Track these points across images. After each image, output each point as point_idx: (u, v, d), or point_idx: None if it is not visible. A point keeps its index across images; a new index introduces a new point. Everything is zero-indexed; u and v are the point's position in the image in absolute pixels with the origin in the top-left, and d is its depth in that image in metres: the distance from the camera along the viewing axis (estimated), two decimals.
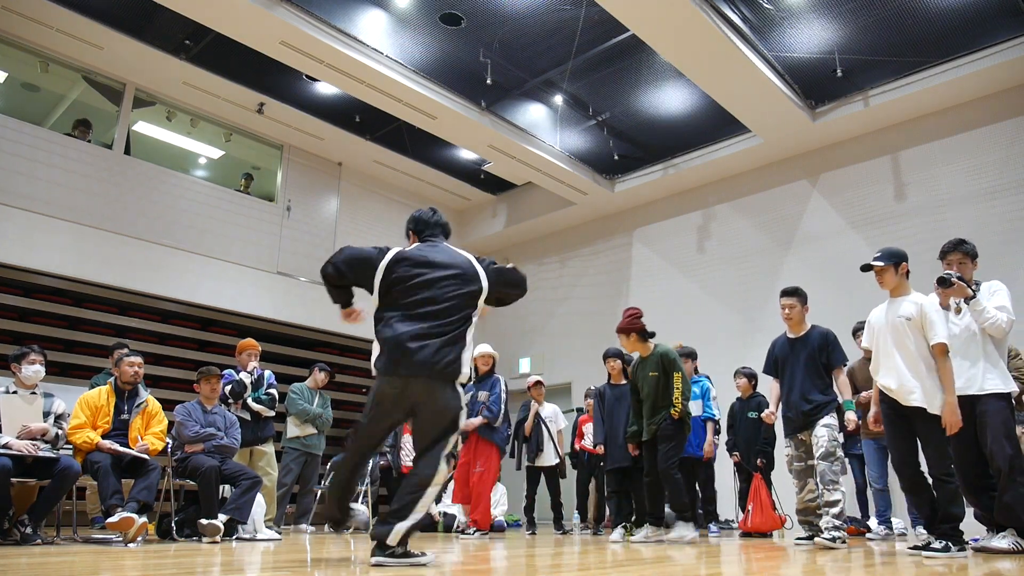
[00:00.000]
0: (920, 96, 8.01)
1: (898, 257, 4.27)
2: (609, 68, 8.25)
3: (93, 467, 4.94)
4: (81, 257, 8.09)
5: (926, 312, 4.10)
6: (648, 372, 5.54)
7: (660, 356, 5.53)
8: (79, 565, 3.19)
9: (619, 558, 3.94)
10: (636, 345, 5.64)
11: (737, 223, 9.78)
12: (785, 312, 5.16)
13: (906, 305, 4.18)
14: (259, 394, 6.63)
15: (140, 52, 8.26)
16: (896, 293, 4.29)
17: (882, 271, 4.28)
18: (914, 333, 4.11)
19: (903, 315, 4.15)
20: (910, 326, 4.11)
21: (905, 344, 4.12)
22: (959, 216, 7.80)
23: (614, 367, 6.39)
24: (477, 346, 6.89)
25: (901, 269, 4.26)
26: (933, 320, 4.06)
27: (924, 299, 4.17)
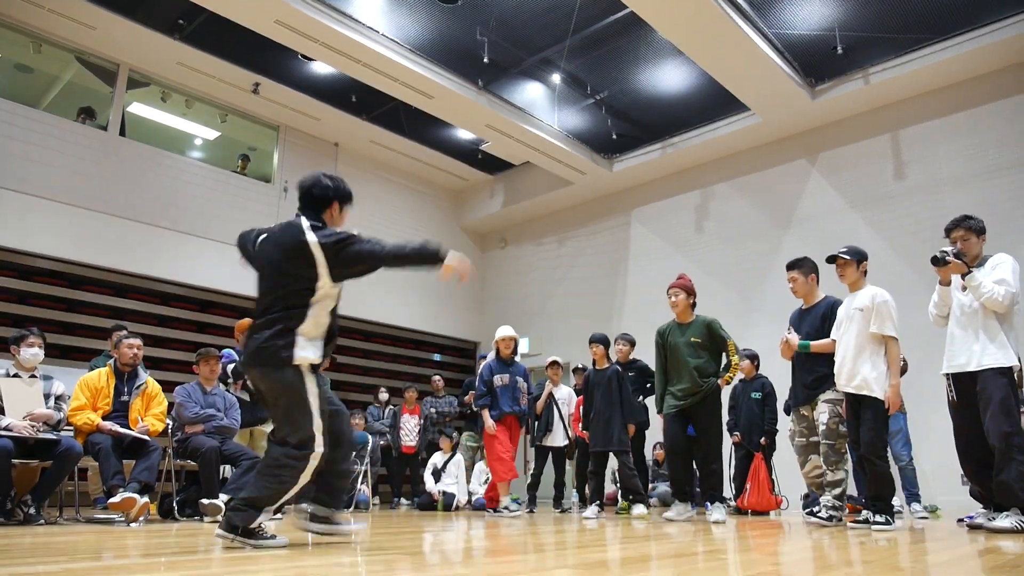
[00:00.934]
0: (921, 74, 7.95)
1: (861, 256, 4.69)
2: (607, 46, 8.18)
3: (94, 448, 4.97)
4: (78, 239, 8.07)
5: (876, 303, 4.46)
6: (689, 338, 5.51)
7: (707, 324, 5.54)
8: (82, 544, 3.22)
9: (637, 534, 3.98)
10: (686, 308, 5.61)
11: (736, 203, 9.75)
12: (790, 286, 5.25)
13: (860, 297, 4.59)
14: None
15: (134, 32, 8.18)
16: (853, 288, 4.69)
17: (846, 264, 4.68)
18: (863, 323, 4.48)
19: (857, 306, 4.56)
20: (861, 316, 4.50)
21: (854, 333, 4.50)
22: (959, 195, 7.78)
23: (597, 352, 6.44)
24: (499, 328, 6.99)
25: (862, 267, 4.66)
26: (880, 311, 4.44)
27: (878, 291, 4.53)
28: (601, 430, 6.16)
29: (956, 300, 4.28)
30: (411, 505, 8.54)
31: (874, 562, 2.65)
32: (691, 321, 5.60)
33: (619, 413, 6.18)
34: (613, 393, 6.22)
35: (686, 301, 5.59)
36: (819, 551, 3.12)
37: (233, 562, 2.61)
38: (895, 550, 3.14)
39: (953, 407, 4.29)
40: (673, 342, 5.58)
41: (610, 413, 6.17)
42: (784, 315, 6.02)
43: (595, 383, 6.35)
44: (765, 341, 7.84)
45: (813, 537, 3.83)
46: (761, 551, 3.19)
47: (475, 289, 12.53)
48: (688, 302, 5.59)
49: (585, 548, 3.27)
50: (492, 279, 12.55)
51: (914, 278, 7.64)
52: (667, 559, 2.75)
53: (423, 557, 2.91)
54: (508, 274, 12.29)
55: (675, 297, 5.60)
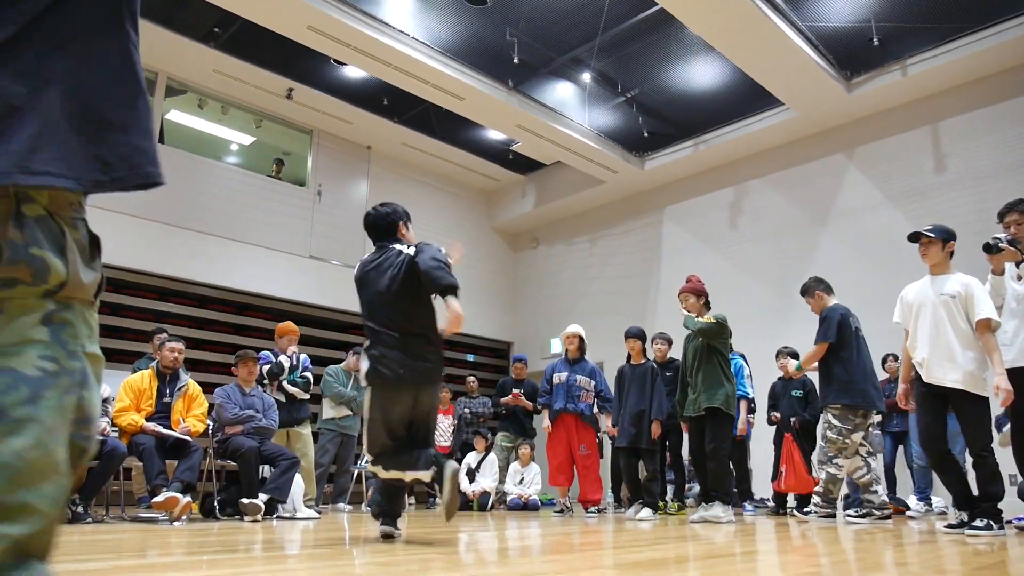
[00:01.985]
0: (961, 63, 7.76)
1: (948, 235, 4.26)
2: (637, 43, 8.13)
3: (138, 449, 5.09)
4: (121, 245, 8.26)
5: (972, 290, 4.06)
6: (699, 340, 5.41)
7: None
8: (128, 542, 3.30)
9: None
10: (699, 311, 5.47)
11: (770, 199, 9.62)
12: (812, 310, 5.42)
13: (951, 283, 4.15)
14: (294, 377, 6.76)
15: (171, 41, 8.35)
16: (938, 270, 4.26)
17: (930, 243, 4.25)
18: (958, 311, 4.07)
19: (948, 293, 4.12)
20: (954, 304, 4.08)
21: (947, 322, 4.09)
22: (1002, 187, 7.57)
23: (634, 346, 6.39)
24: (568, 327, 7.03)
25: (948, 247, 4.25)
26: (978, 298, 4.02)
27: (969, 278, 4.14)
28: (631, 426, 6.10)
29: (1010, 290, 4.09)
30: None
31: (916, 564, 2.60)
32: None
33: (649, 410, 6.13)
34: (646, 389, 6.17)
35: (697, 304, 5.46)
36: (857, 553, 3.07)
37: (273, 560, 2.65)
38: (940, 551, 3.08)
39: (1010, 405, 4.10)
40: (688, 347, 5.51)
41: (641, 409, 6.12)
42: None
43: (630, 378, 6.29)
44: (804, 339, 7.71)
45: (857, 538, 3.76)
46: (797, 552, 3.15)
47: (508, 289, 12.55)
48: (699, 304, 5.47)
49: (621, 549, 3.26)
50: (524, 279, 12.56)
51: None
52: (703, 560, 2.73)
53: (459, 556, 2.93)
54: (540, 274, 12.29)
55: (685, 303, 5.50)
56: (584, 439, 6.66)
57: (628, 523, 5.25)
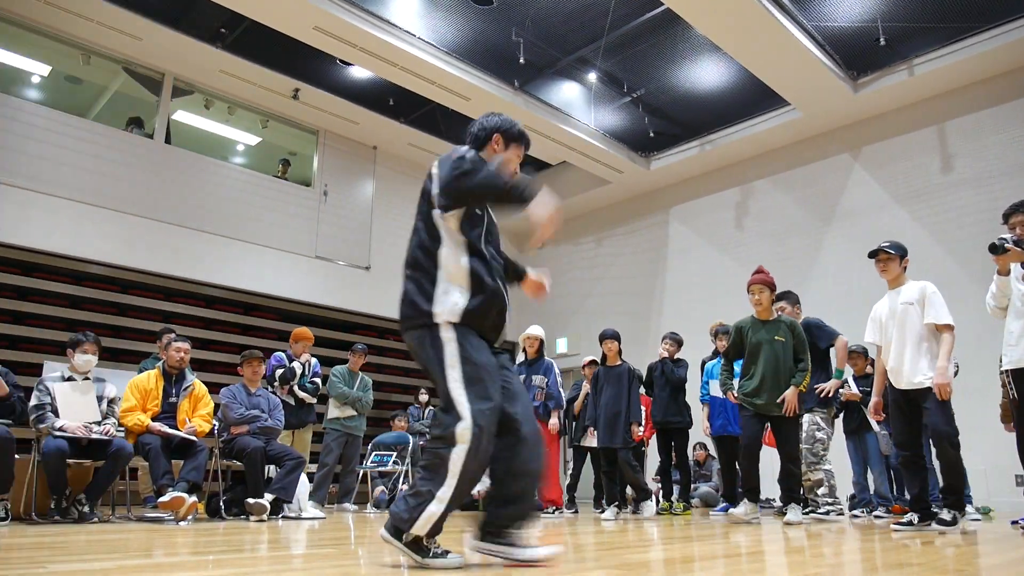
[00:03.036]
0: (967, 63, 7.73)
1: (903, 251, 4.60)
2: (643, 43, 8.12)
3: (144, 449, 5.11)
4: (128, 245, 8.30)
5: (928, 295, 4.34)
6: (773, 336, 5.20)
7: (791, 325, 5.26)
8: (134, 542, 3.31)
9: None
10: (767, 304, 5.29)
11: (776, 199, 9.60)
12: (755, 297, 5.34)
13: (906, 291, 4.47)
14: (304, 382, 6.82)
15: (178, 42, 8.38)
16: (895, 284, 4.59)
17: (888, 259, 4.56)
18: (915, 317, 4.36)
19: (906, 301, 4.42)
20: (912, 311, 4.37)
21: (908, 328, 4.37)
22: (1010, 187, 7.54)
23: (611, 348, 6.41)
24: (528, 328, 7.02)
25: (903, 262, 4.57)
26: (933, 302, 4.31)
27: (927, 284, 4.42)
28: (605, 426, 6.15)
29: (1016, 291, 4.09)
30: None
31: (924, 564, 2.59)
32: (774, 320, 5.30)
33: (625, 411, 6.15)
34: (623, 391, 6.20)
35: (770, 298, 5.30)
36: (866, 553, 3.06)
37: (279, 560, 2.66)
38: (944, 552, 3.06)
39: (1014, 405, 4.09)
40: (755, 339, 5.25)
41: (617, 409, 6.15)
42: (827, 312, 5.95)
43: (605, 379, 6.33)
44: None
45: (855, 539, 3.75)
46: (804, 553, 3.14)
47: (513, 289, 12.53)
48: (771, 298, 5.33)
49: (626, 549, 3.26)
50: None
51: (962, 273, 7.44)
52: (709, 560, 2.73)
53: (464, 556, 2.93)
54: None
55: (759, 295, 5.26)
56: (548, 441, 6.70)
57: (628, 523, 5.25)
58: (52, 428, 4.78)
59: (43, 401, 4.92)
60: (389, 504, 7.45)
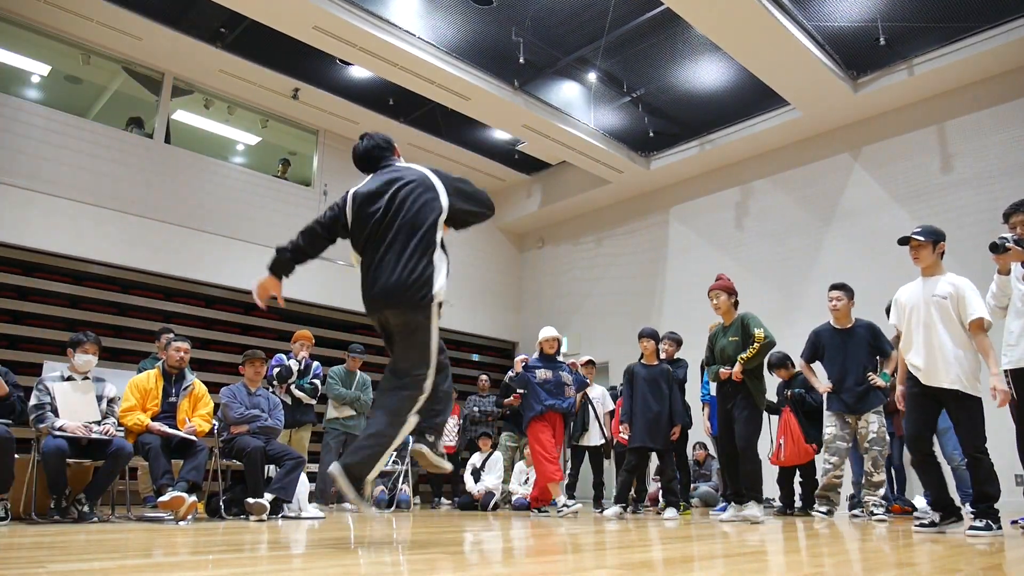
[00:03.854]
0: (968, 63, 7.73)
1: (938, 236, 4.27)
2: (643, 43, 8.12)
3: (144, 448, 5.10)
4: (128, 245, 8.30)
5: (962, 291, 4.09)
6: (729, 338, 5.34)
7: (740, 318, 5.34)
8: (134, 542, 3.31)
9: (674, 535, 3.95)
10: (728, 309, 5.40)
11: (776, 199, 9.60)
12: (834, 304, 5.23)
13: (942, 285, 4.16)
14: (303, 382, 6.81)
15: (177, 41, 8.38)
16: (929, 272, 4.27)
17: (920, 246, 4.24)
18: (948, 313, 4.10)
19: (939, 294, 4.14)
20: (944, 306, 4.11)
21: (939, 324, 4.10)
22: (1010, 186, 7.54)
23: (647, 347, 6.33)
24: (543, 329, 7.01)
25: (939, 248, 4.26)
26: (969, 298, 4.05)
27: (959, 279, 4.16)
28: (647, 426, 6.02)
29: (1016, 290, 4.08)
30: (452, 505, 8.58)
31: (923, 564, 2.59)
32: (732, 321, 5.43)
33: (667, 412, 6.09)
34: (663, 390, 6.13)
35: (728, 302, 5.40)
36: (863, 553, 3.06)
37: (279, 560, 2.66)
38: (945, 552, 3.06)
39: (1013, 405, 4.06)
40: (719, 346, 5.42)
41: (657, 410, 6.06)
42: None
43: (643, 378, 6.22)
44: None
45: (855, 539, 3.75)
46: (807, 552, 3.14)
47: (513, 289, 12.55)
48: (730, 302, 5.40)
49: (627, 548, 3.25)
50: (530, 279, 12.56)
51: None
52: (710, 560, 2.73)
53: (464, 556, 2.93)
54: (546, 274, 12.29)
55: (716, 300, 5.42)
56: (561, 439, 6.72)
57: (609, 523, 5.25)
58: (52, 428, 4.77)
59: (43, 401, 4.91)
60: (389, 504, 7.45)
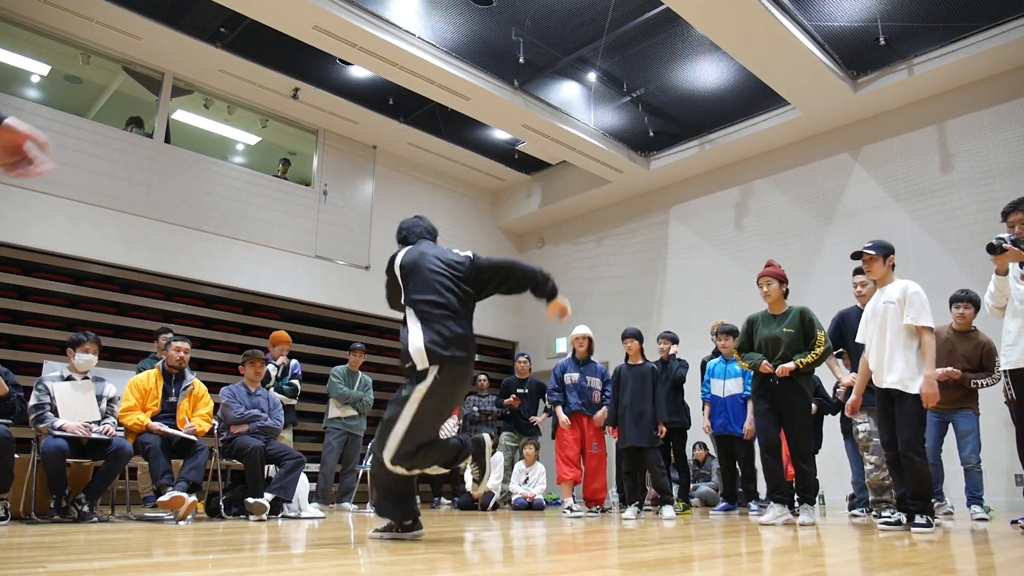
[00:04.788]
0: (967, 63, 7.73)
1: (887, 249, 4.53)
2: (643, 43, 8.12)
3: (144, 448, 5.11)
4: (127, 245, 8.30)
5: (908, 294, 4.29)
6: (782, 328, 5.08)
7: (800, 313, 5.12)
8: (134, 542, 3.31)
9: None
10: (779, 297, 5.18)
11: (776, 198, 9.60)
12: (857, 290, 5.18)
13: (891, 290, 4.42)
14: (282, 384, 6.83)
15: (177, 41, 8.38)
16: (882, 283, 4.52)
17: (872, 260, 4.49)
18: (895, 316, 4.31)
19: (888, 300, 4.38)
20: (893, 309, 4.33)
21: (887, 327, 4.34)
22: (1010, 186, 7.55)
23: (632, 347, 6.38)
24: (575, 327, 7.02)
25: (889, 260, 4.50)
26: (913, 302, 4.26)
27: (909, 283, 4.36)
28: (632, 425, 6.08)
29: (1015, 290, 4.08)
30: (452, 505, 8.59)
31: (923, 564, 2.59)
32: (785, 311, 5.19)
33: (651, 410, 6.11)
34: (647, 389, 6.16)
35: (779, 290, 5.16)
36: (865, 553, 3.06)
37: (279, 559, 2.66)
38: (945, 552, 3.06)
39: (1013, 406, 4.08)
40: (765, 335, 5.15)
41: (642, 408, 6.09)
42: (828, 312, 5.92)
43: (630, 379, 6.27)
44: None
45: (856, 539, 3.75)
46: (805, 552, 3.14)
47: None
48: (781, 291, 5.17)
49: (626, 548, 3.25)
50: None
51: (961, 273, 7.44)
52: (709, 560, 2.73)
53: (464, 556, 2.93)
54: None
55: (767, 287, 5.16)
56: (596, 439, 6.72)
57: (627, 523, 5.25)
58: (52, 427, 4.77)
59: (42, 401, 4.92)
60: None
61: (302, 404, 7.75)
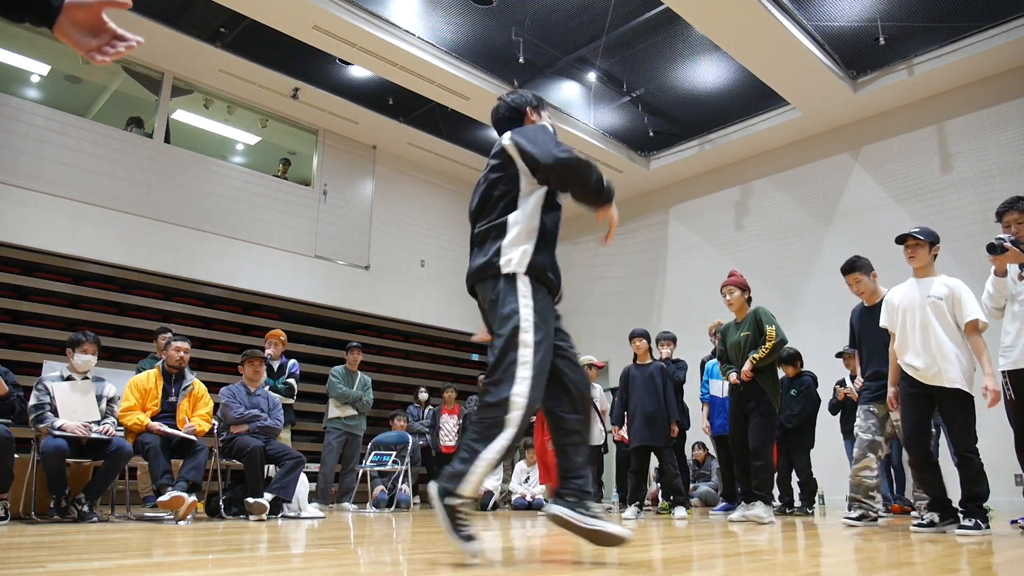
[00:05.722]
0: (967, 63, 7.73)
1: (935, 238, 4.36)
2: (643, 43, 8.12)
3: (143, 448, 5.11)
4: (127, 245, 8.29)
5: (957, 292, 4.16)
6: (741, 333, 5.26)
7: (753, 313, 5.27)
8: (133, 541, 3.31)
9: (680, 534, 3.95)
10: (742, 305, 5.35)
11: (776, 198, 9.60)
12: (853, 288, 5.08)
13: (936, 286, 4.24)
14: (278, 382, 6.81)
15: (177, 41, 8.37)
16: (922, 273, 4.35)
17: (918, 245, 4.32)
18: (943, 314, 4.16)
19: (934, 295, 4.21)
20: (942, 307, 4.16)
21: (936, 324, 4.16)
22: (1009, 186, 7.54)
23: (640, 346, 6.36)
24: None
25: (934, 250, 4.35)
26: (964, 300, 4.12)
27: (953, 280, 4.24)
28: (643, 425, 6.05)
29: (1014, 291, 4.05)
30: None
31: (922, 564, 2.59)
32: (745, 316, 5.34)
33: (663, 409, 6.10)
34: (657, 389, 6.14)
35: (741, 298, 5.34)
36: (865, 553, 3.06)
37: (278, 559, 2.66)
38: (945, 551, 3.07)
39: (1011, 406, 4.03)
40: (731, 341, 5.35)
41: (654, 408, 6.07)
42: (827, 312, 5.93)
43: (636, 377, 6.25)
44: (809, 339, 7.72)
45: (854, 538, 3.75)
46: (807, 552, 3.14)
47: None
48: (743, 299, 5.35)
49: (626, 548, 3.25)
50: None
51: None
52: (710, 559, 2.73)
53: (464, 556, 2.93)
54: None
55: (729, 296, 5.35)
56: None
57: (628, 523, 5.25)
58: (51, 427, 4.77)
59: (42, 400, 4.92)
60: (389, 504, 7.46)
61: (302, 404, 7.75)
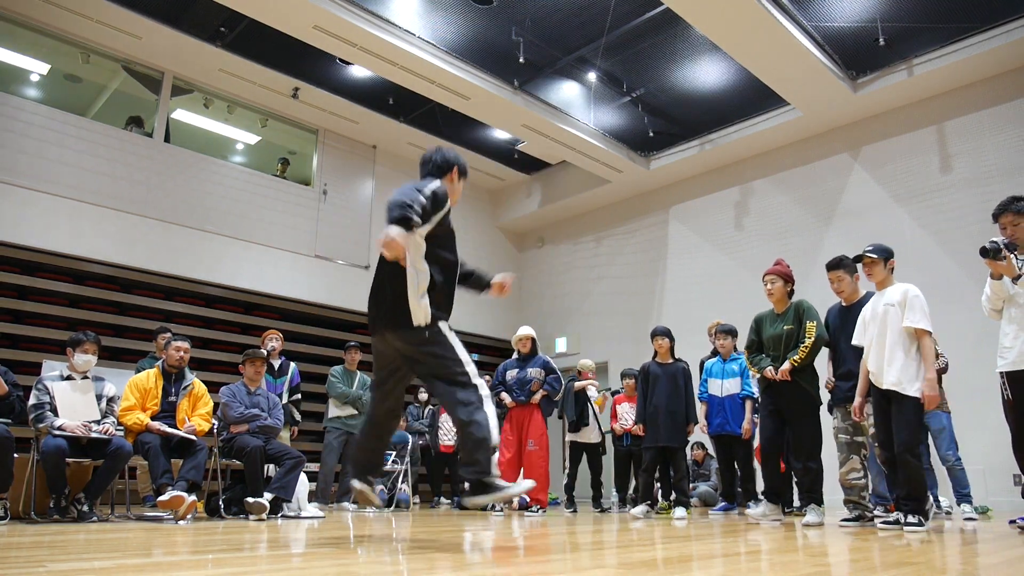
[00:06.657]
0: (967, 63, 7.74)
1: (888, 253, 4.55)
2: (643, 43, 8.12)
3: (143, 448, 5.11)
4: (128, 244, 8.30)
5: (909, 298, 4.33)
6: (783, 326, 5.11)
7: (796, 306, 5.13)
8: (133, 541, 3.31)
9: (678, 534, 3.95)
10: (783, 296, 5.20)
11: (776, 198, 9.61)
12: (834, 286, 5.05)
13: (891, 293, 4.45)
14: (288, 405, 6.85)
15: (177, 41, 8.38)
16: (882, 286, 4.57)
17: (873, 263, 4.53)
18: (896, 318, 4.35)
19: (888, 302, 4.41)
20: (893, 312, 4.36)
21: (887, 329, 4.36)
22: (1009, 187, 7.52)
23: (662, 345, 6.29)
24: (519, 329, 7.13)
25: (889, 264, 4.53)
26: (913, 305, 4.30)
27: (910, 287, 4.41)
28: (663, 425, 6.02)
29: (1012, 292, 4.05)
30: (451, 504, 8.59)
31: (921, 563, 2.59)
32: (786, 308, 5.19)
33: (683, 410, 6.08)
34: (679, 389, 6.11)
35: (783, 289, 5.18)
36: (864, 553, 3.07)
37: (278, 559, 2.66)
38: (944, 551, 3.07)
39: (1009, 407, 4.07)
40: (769, 333, 5.18)
41: (675, 408, 6.05)
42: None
43: (660, 377, 6.19)
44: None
45: (853, 539, 3.76)
46: (804, 552, 3.15)
47: (513, 288, 12.53)
48: (785, 290, 5.19)
49: (625, 548, 3.26)
50: (530, 279, 12.56)
51: (961, 273, 7.45)
52: (708, 559, 2.73)
53: (463, 556, 2.93)
54: (545, 273, 12.30)
55: (771, 285, 5.19)
56: (532, 435, 6.72)
57: (630, 522, 5.25)
58: (51, 427, 4.78)
59: (42, 400, 4.92)
60: (388, 503, 7.46)
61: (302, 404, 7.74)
